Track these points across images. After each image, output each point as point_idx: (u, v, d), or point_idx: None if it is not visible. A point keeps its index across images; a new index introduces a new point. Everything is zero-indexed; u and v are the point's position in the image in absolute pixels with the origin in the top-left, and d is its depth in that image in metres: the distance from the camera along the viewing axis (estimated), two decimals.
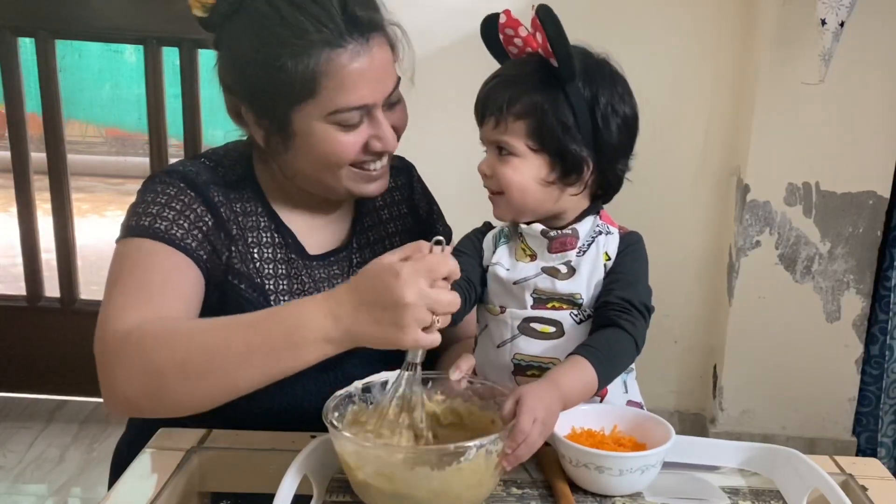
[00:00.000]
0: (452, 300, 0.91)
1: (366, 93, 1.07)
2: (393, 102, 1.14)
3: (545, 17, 1.00)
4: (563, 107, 1.04)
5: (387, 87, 1.10)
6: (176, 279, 1.07)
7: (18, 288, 2.78)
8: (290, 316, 0.95)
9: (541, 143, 1.05)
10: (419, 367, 0.95)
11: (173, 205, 1.10)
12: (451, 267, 0.91)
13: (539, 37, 1.02)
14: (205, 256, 1.10)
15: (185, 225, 1.09)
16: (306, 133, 1.08)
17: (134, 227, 1.09)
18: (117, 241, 1.11)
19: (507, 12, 1.05)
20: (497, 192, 1.08)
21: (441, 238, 0.92)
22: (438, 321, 0.90)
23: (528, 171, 1.06)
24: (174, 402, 0.99)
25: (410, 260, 0.90)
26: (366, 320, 0.91)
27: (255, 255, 1.16)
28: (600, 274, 1.07)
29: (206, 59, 2.49)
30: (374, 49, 1.07)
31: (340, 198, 1.17)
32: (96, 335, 1.03)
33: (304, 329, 0.93)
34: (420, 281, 0.88)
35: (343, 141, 1.09)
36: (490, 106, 1.05)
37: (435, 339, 0.91)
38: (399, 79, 1.14)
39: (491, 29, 1.08)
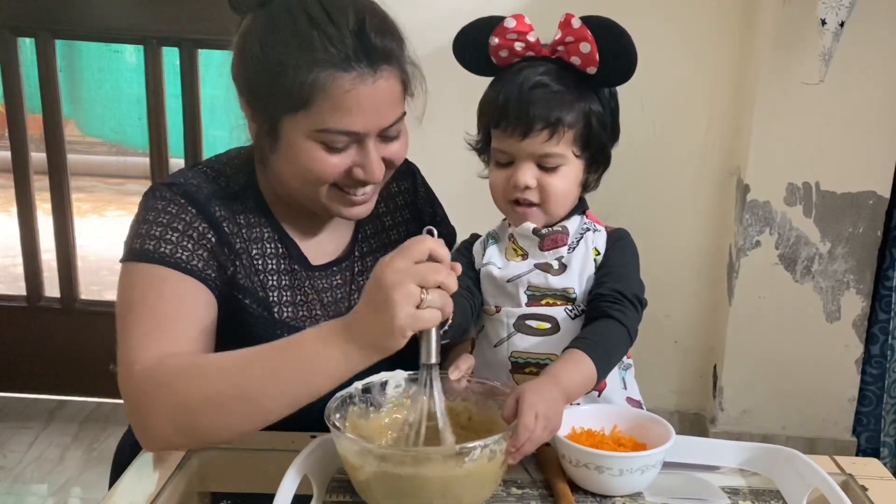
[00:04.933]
0: (437, 270, 0.88)
1: (358, 121, 1.05)
2: (391, 136, 1.10)
3: (616, 32, 1.02)
4: (600, 108, 1.08)
5: (383, 120, 1.07)
6: (189, 305, 1.07)
7: (18, 288, 2.78)
8: (310, 339, 0.95)
9: (585, 147, 1.08)
10: (435, 369, 0.94)
11: (175, 225, 1.09)
12: (431, 246, 0.90)
13: (586, 47, 1.02)
14: (213, 275, 1.10)
15: (190, 245, 1.08)
16: (291, 143, 1.07)
17: (139, 252, 1.08)
18: (122, 261, 1.10)
19: (518, 16, 1.05)
20: (535, 204, 1.08)
21: (431, 228, 0.92)
22: (427, 295, 0.88)
23: (572, 177, 1.08)
24: (208, 436, 1.01)
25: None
26: (366, 318, 0.91)
27: (259, 267, 1.15)
28: (591, 269, 1.08)
29: (206, 59, 2.52)
30: (379, 80, 1.04)
31: (320, 213, 1.16)
32: (120, 373, 1.03)
33: (322, 350, 0.93)
34: (398, 261, 0.88)
35: (325, 160, 1.07)
36: (539, 118, 1.03)
37: (432, 315, 0.89)
38: (403, 113, 1.11)
39: (473, 35, 1.08)
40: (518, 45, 1.06)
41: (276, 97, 1.05)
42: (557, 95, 1.04)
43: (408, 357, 0.95)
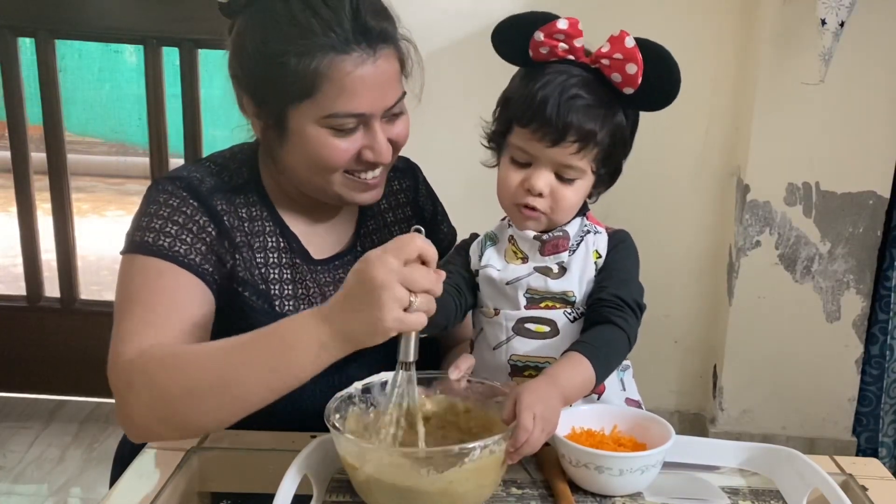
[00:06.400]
0: (427, 276, 0.88)
1: (364, 102, 1.06)
2: (394, 116, 1.12)
3: (668, 62, 1.02)
4: (626, 129, 1.07)
5: (387, 100, 1.09)
6: (182, 300, 1.07)
7: (18, 288, 2.78)
8: (286, 327, 0.95)
9: (603, 164, 1.07)
10: (413, 367, 0.93)
11: (176, 218, 1.09)
12: (421, 245, 0.88)
13: (633, 68, 1.01)
14: (210, 269, 1.10)
15: (189, 239, 1.09)
16: (300, 133, 1.08)
17: (138, 244, 1.08)
18: (122, 253, 1.10)
19: (572, 20, 1.04)
20: (542, 211, 1.07)
21: (419, 227, 0.92)
22: (416, 299, 0.87)
23: (583, 191, 1.08)
24: (187, 425, 1.01)
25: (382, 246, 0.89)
26: (349, 313, 0.90)
27: (261, 261, 1.15)
28: (591, 272, 1.08)
29: (206, 59, 2.52)
30: (379, 60, 1.06)
31: (333, 202, 1.17)
32: (108, 362, 1.04)
33: (298, 338, 0.93)
34: (389, 260, 0.87)
35: (335, 146, 1.08)
36: (574, 129, 1.02)
37: (418, 319, 0.88)
38: (404, 93, 1.12)
39: (519, 25, 1.07)
40: (562, 47, 1.04)
41: (281, 88, 1.06)
42: (594, 110, 1.03)
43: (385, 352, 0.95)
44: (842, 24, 1.85)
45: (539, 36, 1.05)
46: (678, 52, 1.04)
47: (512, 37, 1.08)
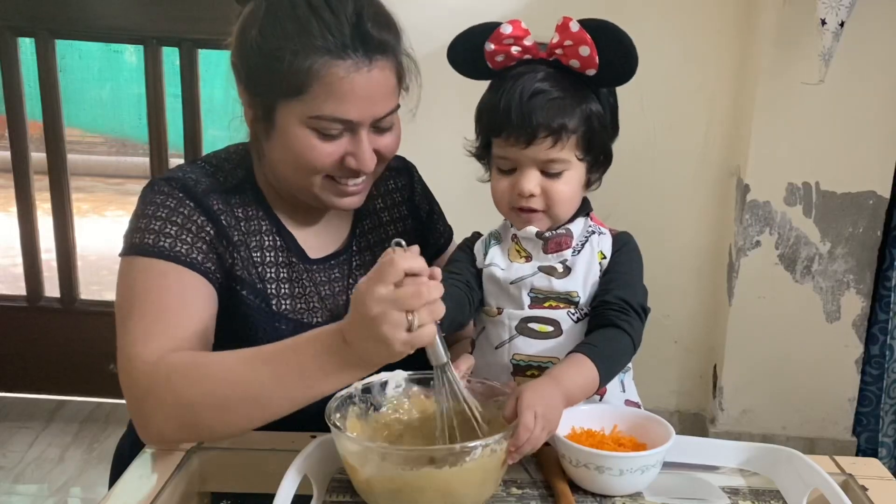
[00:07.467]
0: (420, 290, 0.86)
1: (352, 109, 1.06)
2: (384, 128, 1.12)
3: (616, 34, 1.01)
4: (600, 108, 1.07)
5: (377, 111, 1.08)
6: (190, 299, 1.07)
7: (18, 288, 2.78)
8: (313, 346, 0.94)
9: (588, 150, 1.07)
10: (449, 366, 0.93)
11: (174, 218, 1.09)
12: (403, 265, 0.86)
13: (586, 50, 1.01)
14: (213, 267, 1.10)
15: (189, 238, 1.09)
16: (285, 130, 1.08)
17: (139, 246, 1.08)
18: (121, 255, 1.10)
19: (514, 22, 1.05)
20: (539, 210, 1.07)
21: (400, 240, 0.89)
22: (416, 317, 0.86)
23: (576, 181, 1.08)
24: (209, 433, 1.02)
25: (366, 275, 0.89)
26: (362, 340, 0.89)
27: (257, 260, 1.15)
28: (596, 273, 1.08)
29: (206, 59, 2.52)
30: (374, 70, 1.06)
31: (312, 203, 1.16)
32: (120, 368, 1.03)
33: (327, 358, 0.92)
34: (376, 289, 0.85)
35: (318, 147, 1.08)
36: (543, 126, 1.02)
37: (426, 333, 0.87)
38: (397, 106, 1.12)
39: (469, 41, 1.08)
40: (514, 50, 1.05)
41: (273, 82, 1.06)
42: (558, 101, 1.03)
43: (410, 356, 0.95)
44: (842, 24, 1.85)
45: (490, 46, 1.06)
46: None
47: (466, 55, 1.09)
